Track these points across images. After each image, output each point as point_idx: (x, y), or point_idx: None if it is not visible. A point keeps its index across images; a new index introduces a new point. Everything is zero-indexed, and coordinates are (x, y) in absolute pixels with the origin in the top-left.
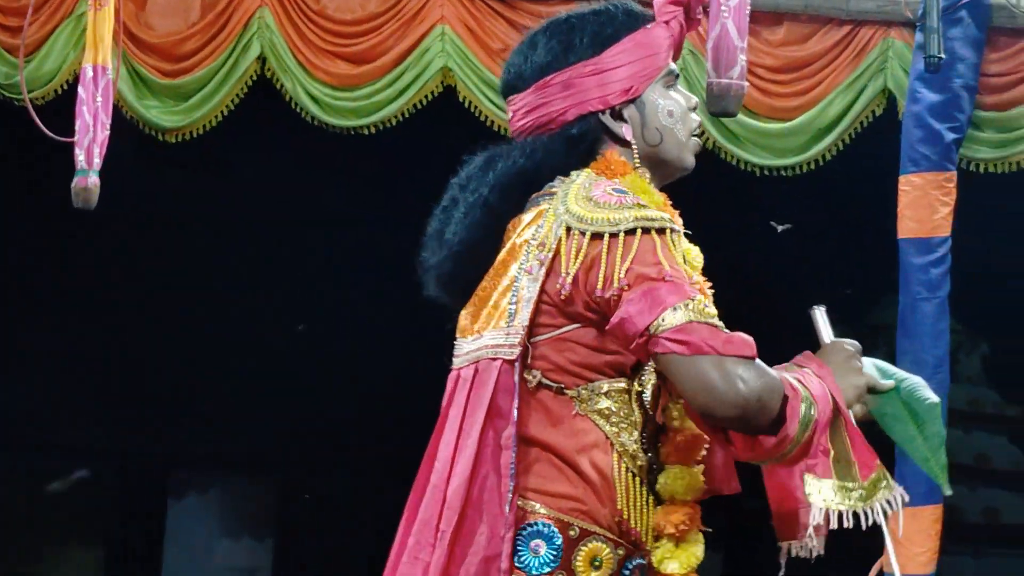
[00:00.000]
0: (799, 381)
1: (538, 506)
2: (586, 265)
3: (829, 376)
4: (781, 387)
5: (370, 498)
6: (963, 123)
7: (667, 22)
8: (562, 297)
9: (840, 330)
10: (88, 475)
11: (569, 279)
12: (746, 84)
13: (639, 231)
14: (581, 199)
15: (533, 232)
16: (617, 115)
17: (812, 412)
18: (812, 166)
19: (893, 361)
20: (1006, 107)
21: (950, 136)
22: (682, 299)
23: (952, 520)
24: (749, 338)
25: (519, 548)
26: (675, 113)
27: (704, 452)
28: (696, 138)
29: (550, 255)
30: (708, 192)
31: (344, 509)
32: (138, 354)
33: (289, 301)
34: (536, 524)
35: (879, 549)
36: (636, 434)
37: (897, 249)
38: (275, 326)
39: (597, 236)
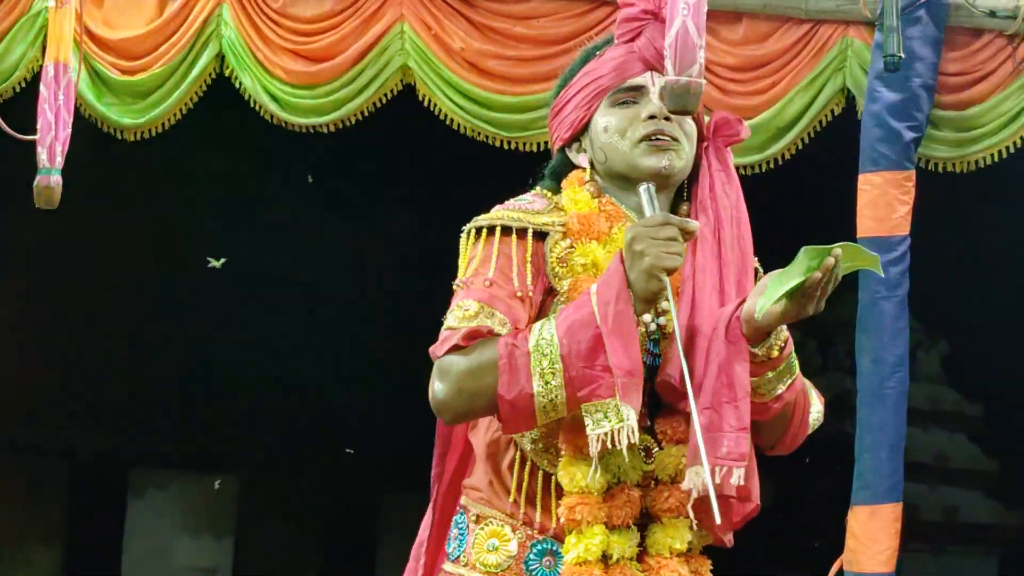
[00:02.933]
0: (543, 329)
1: (463, 498)
2: None
3: (607, 284)
4: (488, 362)
5: (329, 497)
6: (922, 122)
7: (631, 39)
8: None
9: (800, 326)
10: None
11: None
12: (703, 81)
13: (472, 232)
14: None
15: None
16: (580, 147)
17: (550, 353)
18: (771, 165)
19: (853, 359)
20: (964, 106)
21: (909, 135)
22: (452, 306)
23: (912, 518)
24: (456, 330)
25: (449, 536)
26: (610, 128)
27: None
28: (649, 143)
29: None
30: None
31: (303, 508)
32: (100, 353)
33: (247, 298)
34: (458, 513)
35: (839, 550)
36: (538, 433)
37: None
38: (234, 325)
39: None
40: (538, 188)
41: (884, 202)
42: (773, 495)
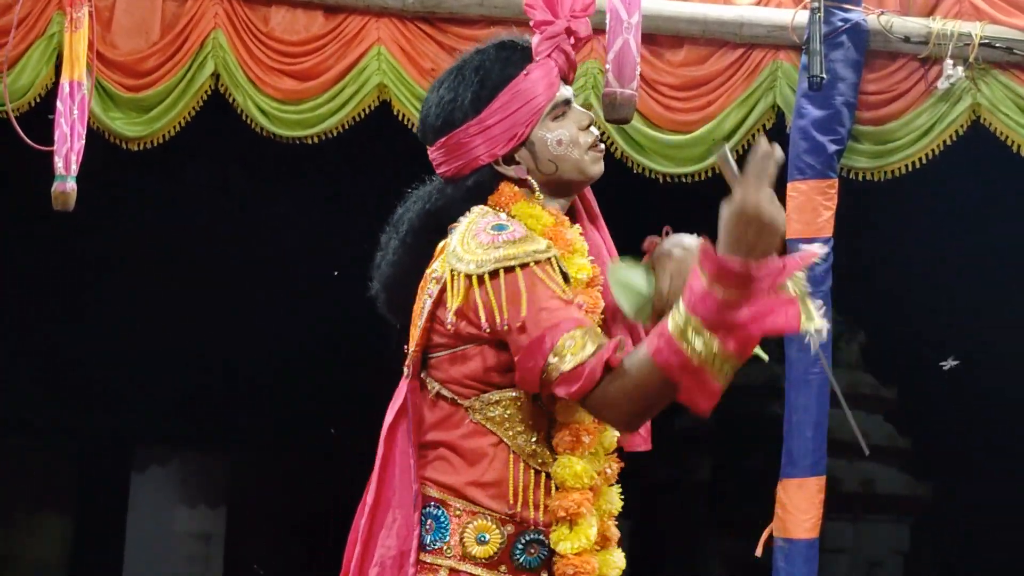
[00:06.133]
0: (692, 312)
1: (432, 491)
2: (467, 304)
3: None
4: (650, 366)
5: (309, 471)
6: (843, 136)
7: (548, 55)
8: (449, 329)
9: None
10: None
11: (451, 315)
12: (637, 94)
13: (501, 272)
14: (467, 238)
15: (437, 265)
16: (509, 159)
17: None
18: (709, 174)
19: (782, 348)
20: (881, 122)
21: (832, 148)
22: (552, 345)
23: (833, 490)
24: (608, 345)
25: (424, 527)
26: (564, 140)
27: (595, 440)
28: (594, 151)
29: (439, 287)
30: (617, 198)
31: (288, 480)
32: (107, 345)
33: (239, 291)
34: (428, 506)
35: (769, 518)
36: (538, 435)
37: (785, 248)
38: (225, 321)
39: (468, 277)
40: (488, 208)
41: (810, 207)
42: (712, 469)
